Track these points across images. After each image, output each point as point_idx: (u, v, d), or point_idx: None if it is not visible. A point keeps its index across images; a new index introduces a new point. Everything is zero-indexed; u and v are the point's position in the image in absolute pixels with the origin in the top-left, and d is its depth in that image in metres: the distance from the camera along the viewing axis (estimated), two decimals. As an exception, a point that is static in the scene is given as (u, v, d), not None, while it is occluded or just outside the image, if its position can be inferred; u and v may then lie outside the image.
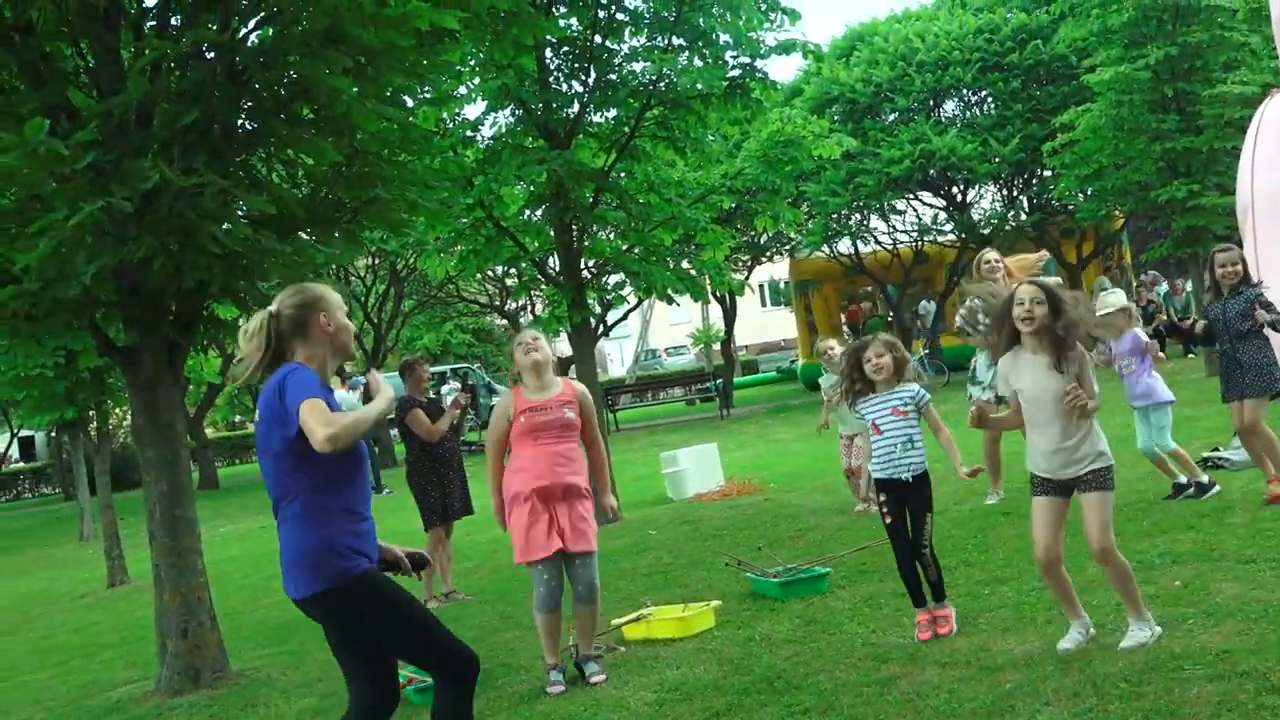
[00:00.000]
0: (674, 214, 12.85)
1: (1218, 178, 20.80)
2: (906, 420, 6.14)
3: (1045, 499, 5.40)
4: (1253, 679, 4.55)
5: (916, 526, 6.16)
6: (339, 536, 4.07)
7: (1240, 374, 8.05)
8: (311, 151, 6.76)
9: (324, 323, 4.20)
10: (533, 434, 6.26)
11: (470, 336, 46.10)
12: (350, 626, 4.13)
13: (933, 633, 6.02)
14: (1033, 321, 5.27)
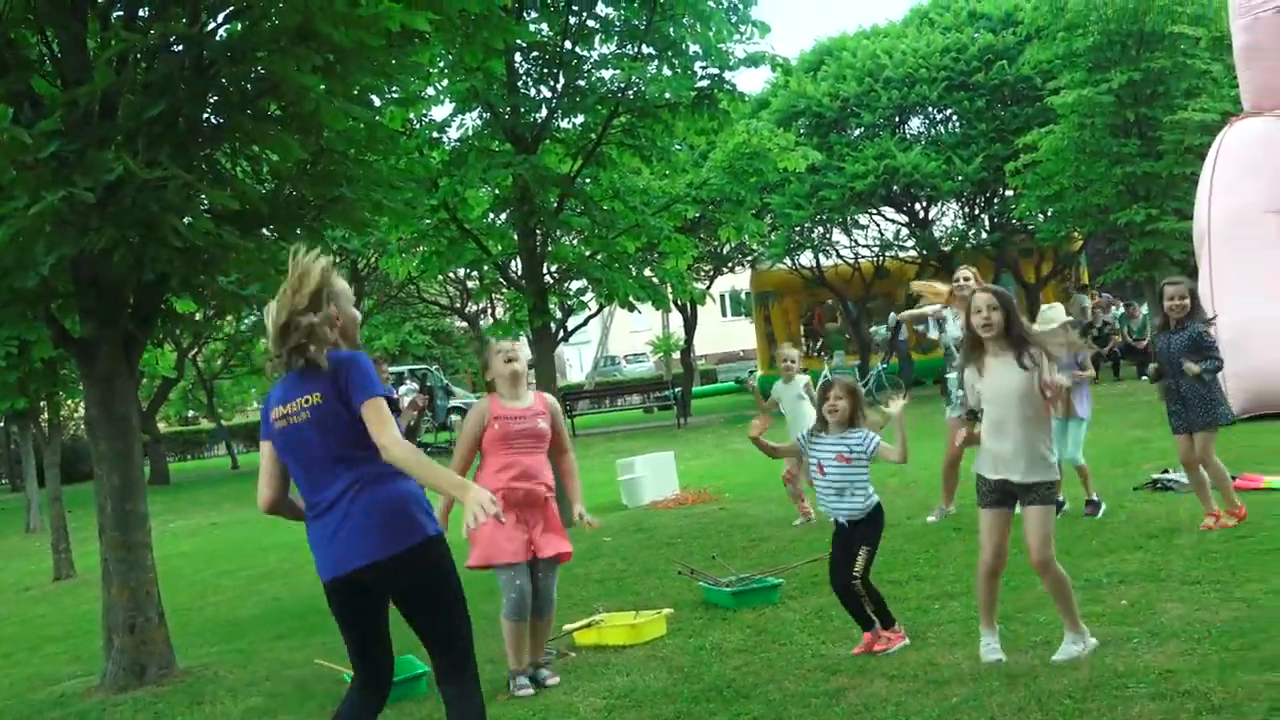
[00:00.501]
0: (638, 222, 12.88)
1: (1176, 203, 21.09)
2: (849, 468, 6.15)
3: (992, 511, 5.56)
4: (1194, 698, 4.62)
5: (850, 559, 6.15)
6: (420, 494, 4.15)
7: (1184, 408, 8.15)
8: (277, 148, 6.73)
9: (334, 314, 4.19)
10: (506, 442, 6.29)
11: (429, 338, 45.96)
12: (414, 587, 4.10)
13: (868, 649, 6.07)
14: (991, 328, 5.40)
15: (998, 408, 5.50)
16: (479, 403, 6.52)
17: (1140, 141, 22.08)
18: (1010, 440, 5.45)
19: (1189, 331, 8.11)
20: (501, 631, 6.37)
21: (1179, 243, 20.73)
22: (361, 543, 4.02)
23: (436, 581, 4.10)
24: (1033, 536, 5.42)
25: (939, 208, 30.24)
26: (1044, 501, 5.43)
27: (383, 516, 4.02)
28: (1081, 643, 5.42)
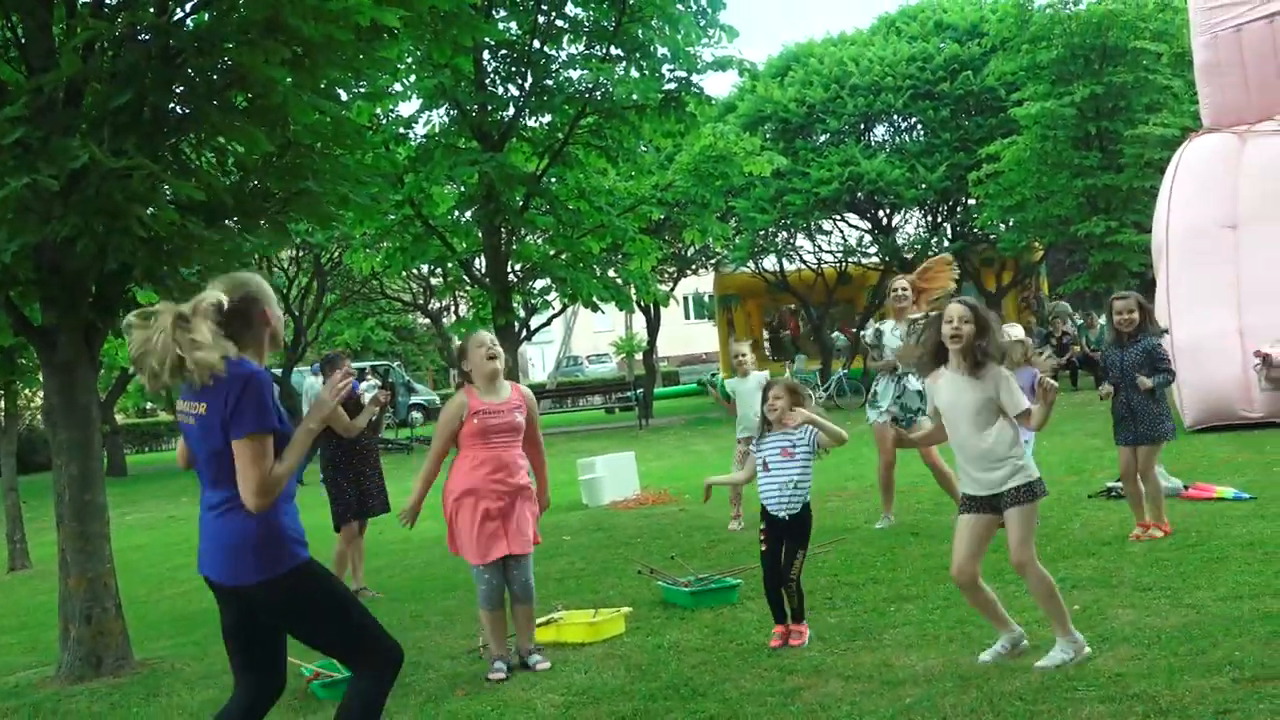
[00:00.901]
0: (603, 222, 12.94)
1: (1135, 215, 21.35)
2: (793, 462, 6.31)
3: (968, 516, 5.55)
4: (1142, 701, 4.71)
5: (788, 559, 6.37)
6: (287, 523, 4.10)
7: (1133, 421, 8.25)
8: (244, 140, 6.72)
9: (267, 315, 4.18)
10: (484, 436, 6.35)
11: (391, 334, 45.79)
12: (289, 614, 4.12)
13: (784, 642, 6.25)
14: (960, 339, 5.43)
15: (951, 424, 5.55)
16: (456, 396, 6.55)
17: (1101, 154, 22.34)
18: (969, 451, 5.49)
19: (1142, 344, 8.21)
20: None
21: (1137, 255, 21.00)
22: (220, 562, 4.08)
23: (299, 609, 4.11)
24: (1011, 537, 5.43)
25: (902, 215, 30.47)
26: (1022, 502, 5.41)
27: (237, 548, 4.03)
28: (1071, 649, 5.36)
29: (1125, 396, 8.27)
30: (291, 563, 4.06)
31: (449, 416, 6.45)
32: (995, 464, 5.43)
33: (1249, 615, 5.83)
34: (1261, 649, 5.25)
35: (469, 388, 6.49)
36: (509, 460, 6.42)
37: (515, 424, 6.46)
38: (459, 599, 8.81)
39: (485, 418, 6.36)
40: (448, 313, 38.17)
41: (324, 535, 12.46)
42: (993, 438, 5.43)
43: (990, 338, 5.45)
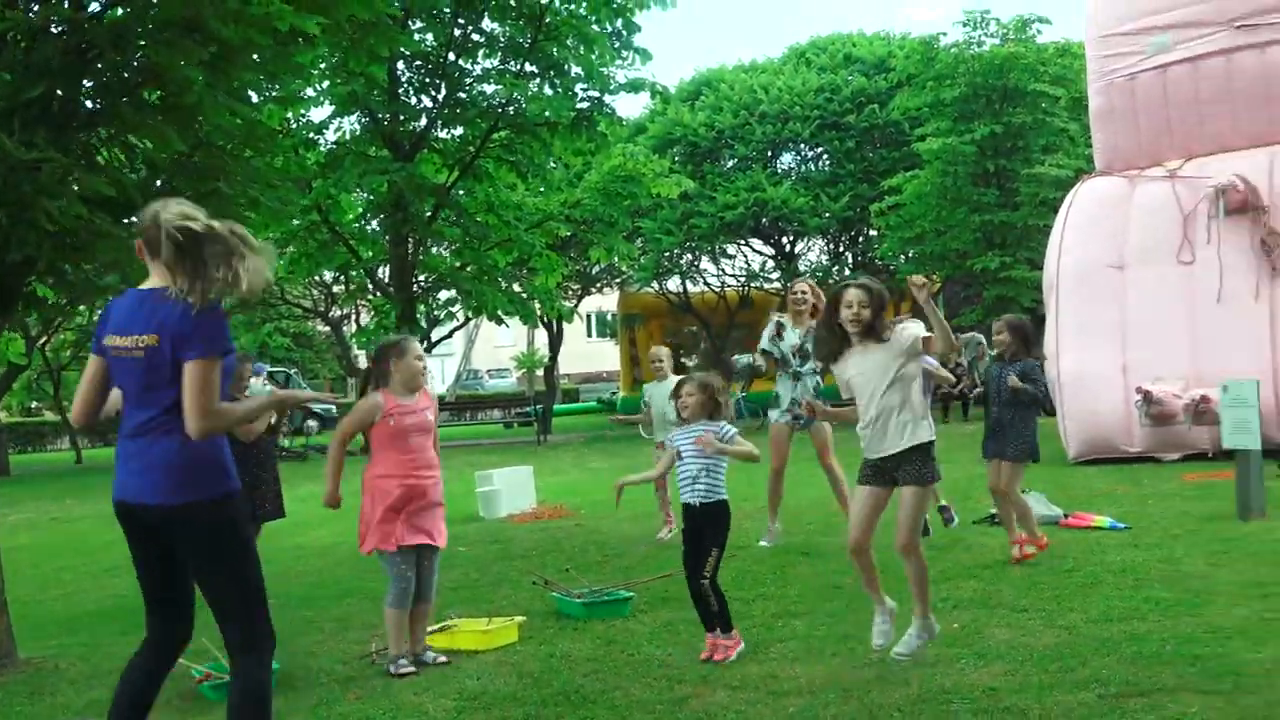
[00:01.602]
0: (511, 236, 13.04)
1: (1029, 252, 21.96)
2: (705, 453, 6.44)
3: (866, 488, 5.80)
4: (1013, 714, 4.93)
5: (702, 558, 6.43)
6: (224, 451, 4.13)
7: (1002, 436, 8.60)
8: (155, 138, 6.71)
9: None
10: (402, 436, 6.50)
11: (289, 340, 45.29)
12: (206, 543, 4.08)
13: (710, 656, 6.32)
14: (860, 323, 5.65)
15: (863, 384, 5.74)
16: (371, 395, 6.62)
17: (999, 192, 22.97)
18: (882, 418, 5.69)
19: (1020, 365, 8.59)
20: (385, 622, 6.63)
21: (1029, 291, 21.60)
22: (150, 482, 4.04)
23: (217, 540, 4.09)
24: (902, 518, 5.66)
25: (805, 242, 30.95)
26: (918, 482, 5.65)
27: (173, 466, 4.01)
28: (927, 632, 5.74)
29: (997, 413, 8.62)
30: (224, 487, 4.08)
31: (364, 411, 6.56)
32: (900, 424, 5.64)
33: (1118, 636, 6.11)
34: (1127, 668, 5.51)
35: (384, 390, 6.57)
36: (426, 460, 6.60)
37: (428, 423, 6.64)
38: (352, 606, 8.82)
39: (401, 417, 6.49)
40: (348, 321, 37.88)
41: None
42: (900, 395, 5.65)
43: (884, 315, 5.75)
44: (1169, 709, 4.88)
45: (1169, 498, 11.27)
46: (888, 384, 5.67)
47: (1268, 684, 5.14)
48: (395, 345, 6.69)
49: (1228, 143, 15.48)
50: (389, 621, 6.58)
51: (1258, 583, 7.18)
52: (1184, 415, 13.94)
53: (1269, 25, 14.94)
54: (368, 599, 9.06)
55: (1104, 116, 16.64)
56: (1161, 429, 14.21)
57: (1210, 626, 6.19)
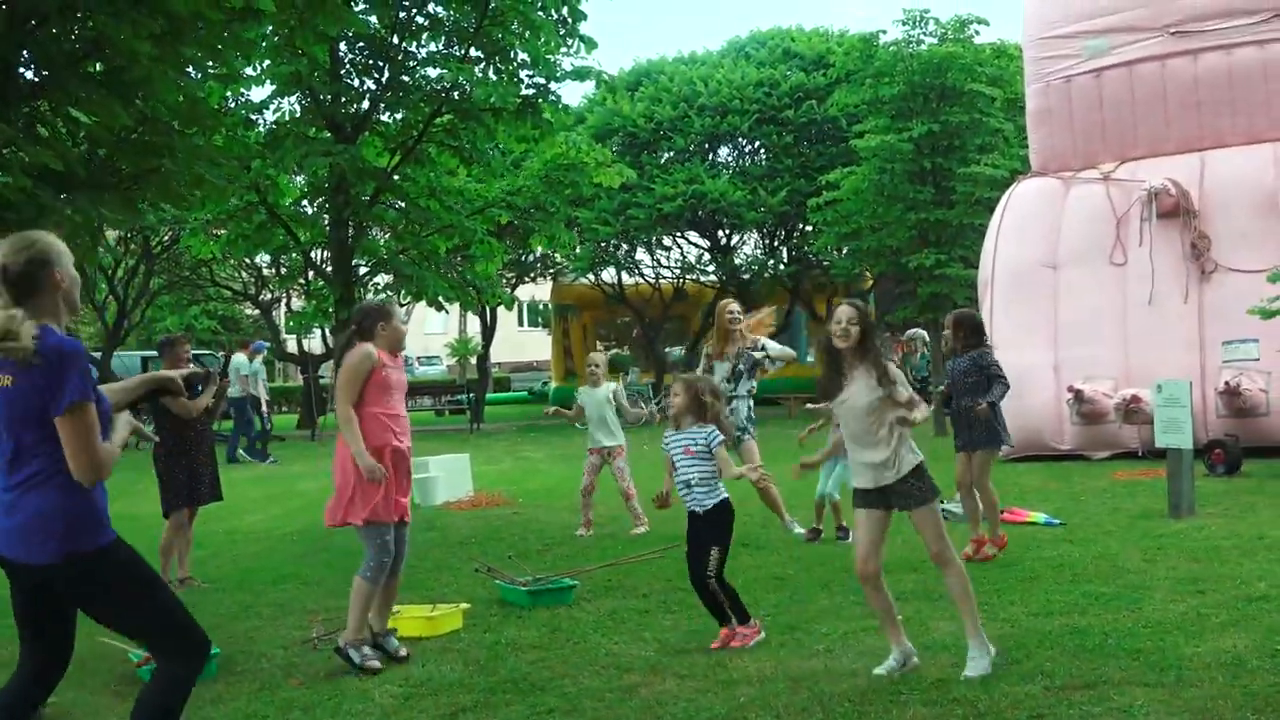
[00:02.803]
0: (452, 222, 12.93)
1: (963, 250, 22.17)
2: (695, 460, 6.46)
3: (865, 511, 5.75)
4: (962, 705, 4.98)
5: (703, 556, 6.44)
6: (96, 502, 3.94)
7: (968, 428, 8.69)
8: (100, 111, 6.57)
9: (58, 278, 3.86)
10: (389, 392, 6.39)
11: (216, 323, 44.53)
12: (95, 594, 3.95)
13: (725, 644, 6.29)
14: (848, 339, 5.64)
15: (851, 418, 5.71)
16: (360, 347, 6.40)
17: (935, 190, 23.17)
18: (872, 450, 5.66)
19: (970, 355, 8.68)
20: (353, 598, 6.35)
21: (963, 289, 21.81)
22: (21, 540, 3.86)
23: (99, 592, 3.94)
24: (927, 536, 5.65)
25: (741, 236, 31.05)
26: (925, 502, 5.63)
27: (41, 525, 3.82)
28: (986, 655, 5.49)
29: (957, 404, 8.71)
30: (101, 540, 3.91)
31: (359, 365, 6.31)
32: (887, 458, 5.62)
33: (1059, 630, 6.19)
34: (1070, 660, 5.59)
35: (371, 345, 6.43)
36: (404, 418, 6.51)
37: (405, 382, 6.61)
38: (289, 591, 8.72)
39: (391, 371, 6.41)
40: (278, 305, 37.40)
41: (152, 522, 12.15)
42: (883, 423, 5.62)
43: (875, 337, 5.73)
44: (1114, 701, 4.95)
45: (1100, 495, 11.45)
46: (871, 413, 5.63)
47: (1209, 677, 5.23)
48: (380, 308, 6.58)
49: (1160, 147, 15.76)
50: (359, 596, 6.30)
51: (1192, 579, 7.31)
52: (1114, 414, 14.17)
53: (1202, 32, 15.22)
54: (304, 584, 8.97)
55: (1040, 117, 16.86)
56: (1092, 427, 14.45)
57: (1149, 621, 6.29)
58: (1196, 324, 14.52)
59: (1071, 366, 14.78)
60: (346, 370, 6.40)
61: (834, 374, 5.77)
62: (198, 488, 9.20)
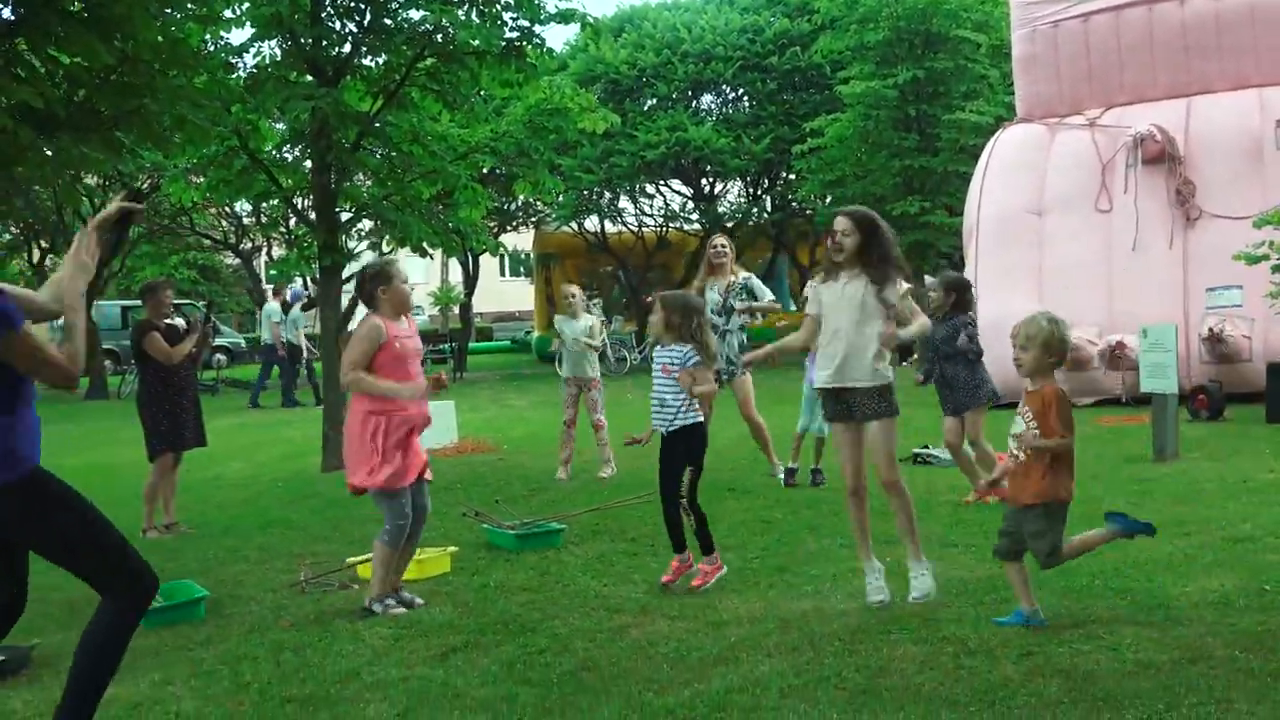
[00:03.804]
0: (436, 168, 12.78)
1: (948, 198, 22.12)
2: (669, 380, 6.41)
3: (841, 425, 5.87)
4: (952, 644, 5.01)
5: (674, 475, 6.43)
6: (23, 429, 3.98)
7: (950, 392, 8.70)
8: (81, 50, 6.46)
9: None
10: (402, 362, 6.22)
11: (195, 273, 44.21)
12: (27, 525, 3.95)
13: (675, 577, 6.32)
14: (842, 251, 5.65)
15: (836, 314, 5.76)
16: (368, 319, 6.28)
17: (919, 137, 23.07)
18: (844, 344, 5.74)
19: (951, 322, 8.67)
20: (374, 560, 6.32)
21: (948, 236, 21.80)
22: None
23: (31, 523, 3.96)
24: (877, 455, 5.73)
25: (725, 184, 30.90)
26: (884, 415, 5.73)
27: None
28: (928, 573, 5.77)
29: (939, 369, 8.71)
30: (22, 468, 3.92)
31: (367, 338, 6.17)
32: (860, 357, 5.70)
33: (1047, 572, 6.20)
34: (1060, 600, 5.62)
35: (376, 315, 6.29)
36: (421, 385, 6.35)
37: (420, 347, 6.46)
38: (275, 535, 8.72)
39: (404, 341, 6.26)
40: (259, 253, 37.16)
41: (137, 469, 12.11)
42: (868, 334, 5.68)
43: (879, 244, 5.67)
44: (1104, 639, 4.98)
45: (1085, 440, 11.39)
46: (858, 320, 5.68)
47: (1197, 616, 5.27)
48: (380, 271, 6.36)
49: (1146, 93, 15.72)
50: (379, 560, 6.24)
51: (1178, 521, 7.34)
52: (1098, 360, 14.20)
53: (1190, -22, 15.14)
54: (290, 529, 8.96)
55: (1026, 63, 16.78)
56: (1076, 374, 14.45)
57: (1136, 562, 6.32)
58: (1181, 270, 14.54)
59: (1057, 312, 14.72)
60: (353, 342, 6.29)
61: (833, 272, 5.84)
62: (181, 432, 9.16)
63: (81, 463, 14.39)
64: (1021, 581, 5.31)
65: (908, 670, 4.70)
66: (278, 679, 5.11)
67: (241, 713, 4.71)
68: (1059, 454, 5.23)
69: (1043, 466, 5.23)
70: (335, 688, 4.94)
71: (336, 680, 5.04)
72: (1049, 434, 5.20)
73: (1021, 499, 5.27)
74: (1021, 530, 5.26)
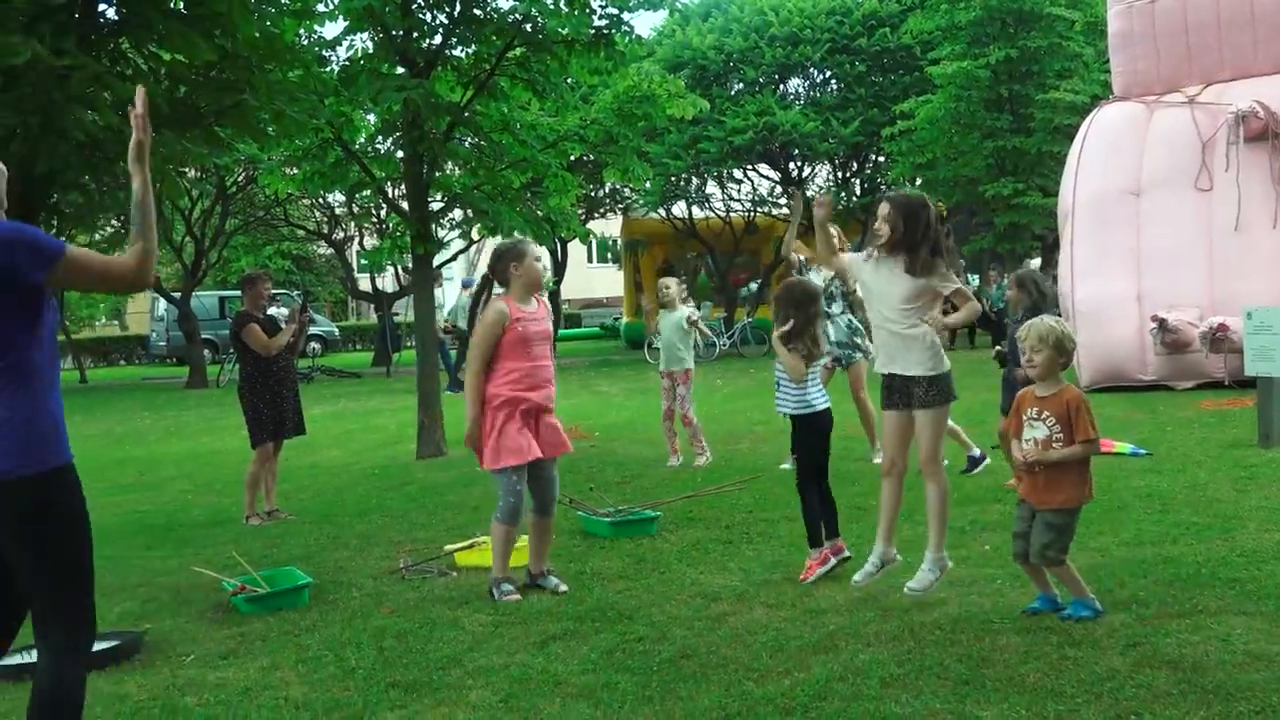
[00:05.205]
0: (526, 156, 12.86)
1: (1041, 179, 21.78)
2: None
3: (891, 413, 5.74)
4: (1056, 634, 4.94)
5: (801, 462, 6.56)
6: (55, 411, 3.58)
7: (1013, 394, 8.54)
8: (184, 47, 6.58)
9: None
10: (526, 344, 6.27)
11: (290, 263, 44.94)
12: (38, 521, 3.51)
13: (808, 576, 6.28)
14: (880, 237, 5.63)
15: (880, 302, 5.69)
16: (494, 303, 6.35)
17: (1012, 117, 22.74)
18: (886, 333, 5.68)
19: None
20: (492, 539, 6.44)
21: (1042, 218, 21.47)
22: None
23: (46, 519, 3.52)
24: (922, 439, 5.62)
25: (813, 168, 30.71)
26: (935, 404, 5.59)
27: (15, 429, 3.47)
28: (940, 567, 5.64)
29: (1009, 369, 8.55)
30: (60, 458, 3.56)
31: (491, 325, 6.24)
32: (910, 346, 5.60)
33: (1151, 559, 6.11)
34: (1165, 590, 5.51)
35: (505, 296, 6.37)
36: (545, 372, 6.37)
37: (549, 330, 6.45)
38: (374, 523, 8.84)
39: (527, 324, 6.29)
40: (350, 243, 37.65)
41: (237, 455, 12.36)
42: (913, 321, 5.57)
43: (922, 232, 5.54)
44: (1212, 629, 4.88)
45: (1187, 425, 11.25)
46: (901, 309, 5.59)
47: (1309, 606, 5.15)
48: (513, 249, 6.42)
49: (1248, 69, 15.31)
50: (496, 538, 6.36)
51: (1287, 508, 7.18)
52: (1200, 343, 13.89)
53: (1293, -51, 14.72)
54: (388, 517, 9.08)
55: (1123, 41, 16.43)
56: (1176, 357, 14.17)
57: (1243, 550, 6.19)
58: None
59: (1155, 296, 14.48)
60: (478, 331, 6.34)
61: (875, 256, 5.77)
62: (282, 421, 9.34)
63: (185, 449, 14.75)
64: (1072, 576, 5.21)
65: (1011, 661, 4.65)
66: (381, 665, 5.20)
67: (348, 698, 4.79)
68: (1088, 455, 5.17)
69: (1076, 470, 5.17)
70: (438, 674, 5.01)
71: (439, 666, 5.11)
72: (1081, 435, 5.13)
73: (1052, 502, 5.17)
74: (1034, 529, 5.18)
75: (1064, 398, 5.20)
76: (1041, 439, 5.19)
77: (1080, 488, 5.20)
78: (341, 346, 42.70)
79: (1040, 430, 5.20)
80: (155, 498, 10.98)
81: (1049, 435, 5.17)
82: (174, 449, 14.98)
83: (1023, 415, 5.31)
